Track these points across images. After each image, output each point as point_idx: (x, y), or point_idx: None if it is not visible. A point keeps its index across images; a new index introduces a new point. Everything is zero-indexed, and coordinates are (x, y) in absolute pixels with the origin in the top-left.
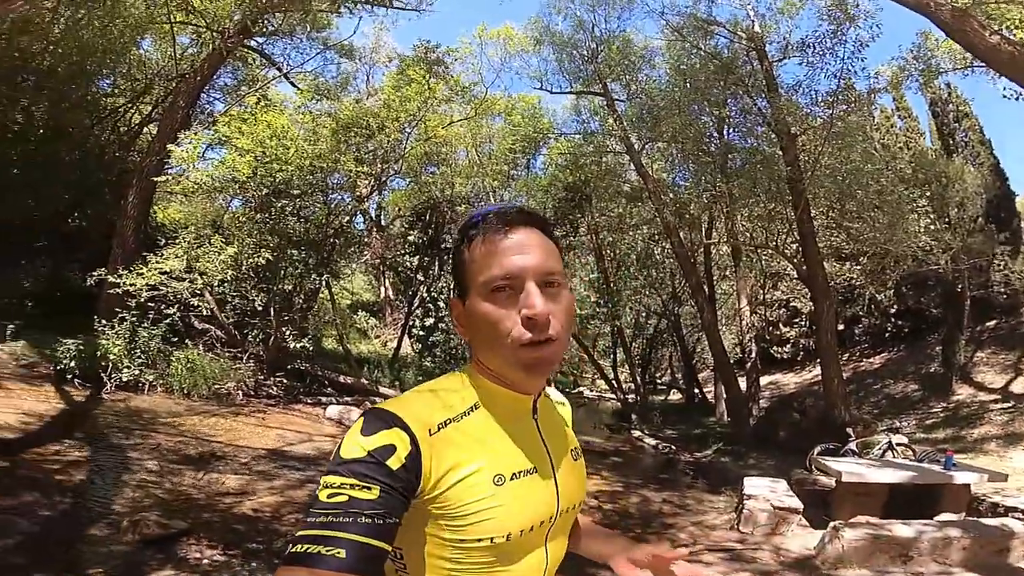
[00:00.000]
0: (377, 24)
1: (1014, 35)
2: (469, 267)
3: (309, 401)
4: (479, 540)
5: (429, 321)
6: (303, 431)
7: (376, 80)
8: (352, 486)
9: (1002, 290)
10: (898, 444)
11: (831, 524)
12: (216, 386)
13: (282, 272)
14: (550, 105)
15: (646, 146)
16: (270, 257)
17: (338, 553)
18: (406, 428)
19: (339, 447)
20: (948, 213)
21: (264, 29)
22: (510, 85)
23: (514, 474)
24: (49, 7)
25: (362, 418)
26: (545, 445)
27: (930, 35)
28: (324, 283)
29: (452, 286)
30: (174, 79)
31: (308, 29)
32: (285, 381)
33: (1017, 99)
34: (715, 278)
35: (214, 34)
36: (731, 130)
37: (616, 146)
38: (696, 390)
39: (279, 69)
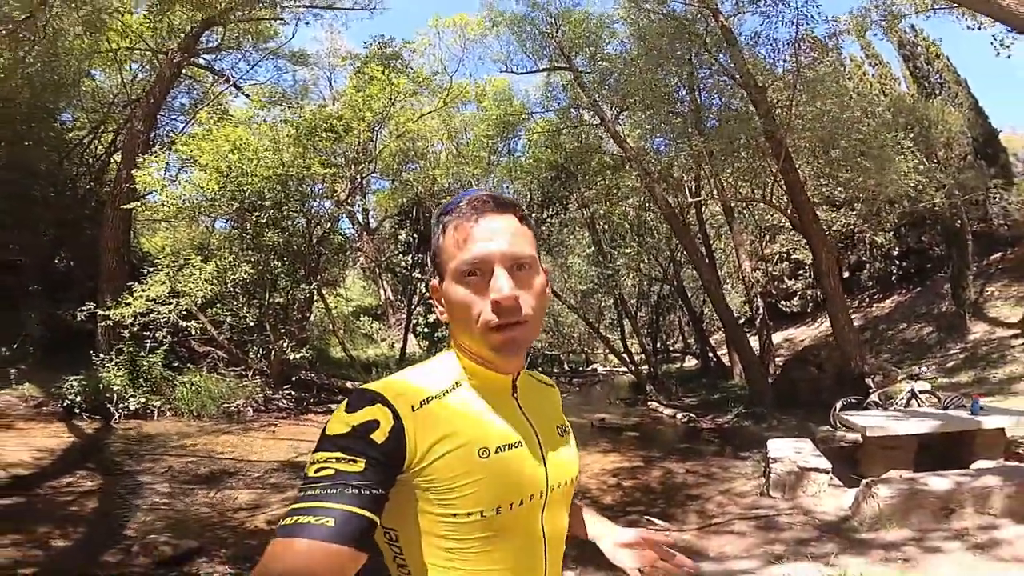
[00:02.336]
0: (326, 28)
1: None
2: (443, 252)
3: (320, 410)
4: (469, 514)
5: (432, 317)
6: (315, 440)
7: (340, 84)
8: (338, 459)
9: (1002, 222)
10: (921, 392)
11: (863, 481)
12: (225, 405)
13: (270, 285)
14: (522, 86)
15: (620, 115)
16: (252, 271)
17: (327, 522)
18: (388, 404)
19: (325, 426)
20: (936, 154)
21: (206, 46)
22: (475, 71)
23: (499, 447)
24: None
25: (346, 399)
26: (529, 421)
27: None
28: (316, 292)
29: (431, 269)
30: (128, 105)
31: (253, 40)
32: (293, 393)
33: (979, 28)
34: (711, 238)
35: (159, 56)
36: (701, 89)
37: (591, 119)
38: (711, 354)
39: (234, 84)
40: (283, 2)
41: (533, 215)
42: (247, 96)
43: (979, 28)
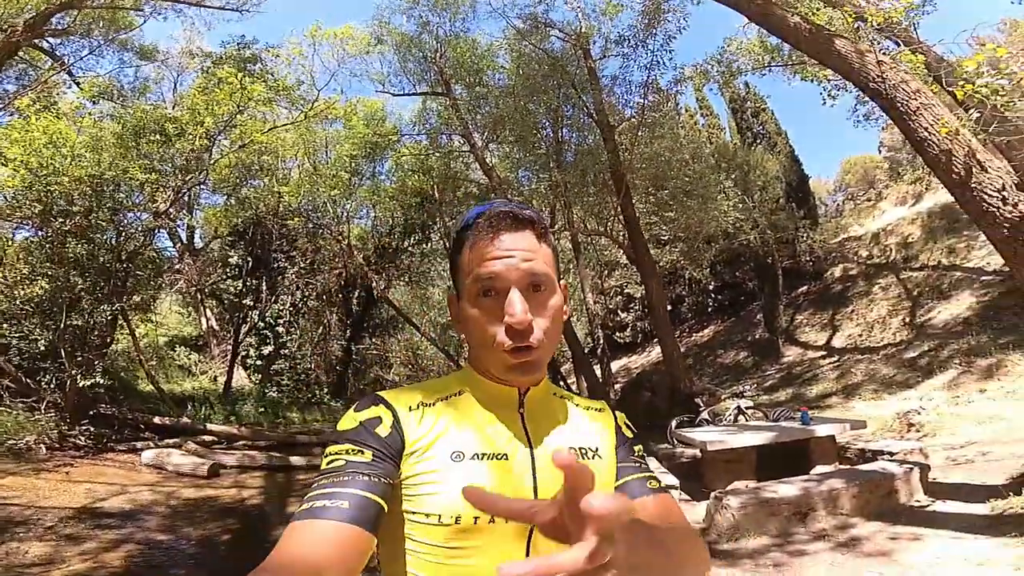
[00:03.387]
0: (187, 27)
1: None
2: (461, 270)
3: (122, 448)
4: (427, 516)
5: (267, 349)
6: (116, 482)
7: (185, 87)
8: (348, 451)
9: (808, 259)
10: (747, 408)
11: (713, 494)
12: (11, 441)
13: (68, 305)
14: (396, 109)
15: (489, 145)
16: (48, 287)
17: (342, 504)
18: (388, 405)
19: (337, 424)
20: (753, 196)
21: (54, 28)
22: (348, 88)
23: (476, 454)
24: None
25: (356, 402)
26: (528, 437)
27: (732, 40)
28: (121, 315)
29: (450, 284)
30: None
31: (105, 28)
32: (92, 429)
33: (814, 81)
34: (560, 271)
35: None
36: (564, 125)
37: (461, 145)
38: (561, 382)
39: (67, 70)
40: None
41: (394, 243)
42: (79, 86)
43: (812, 81)
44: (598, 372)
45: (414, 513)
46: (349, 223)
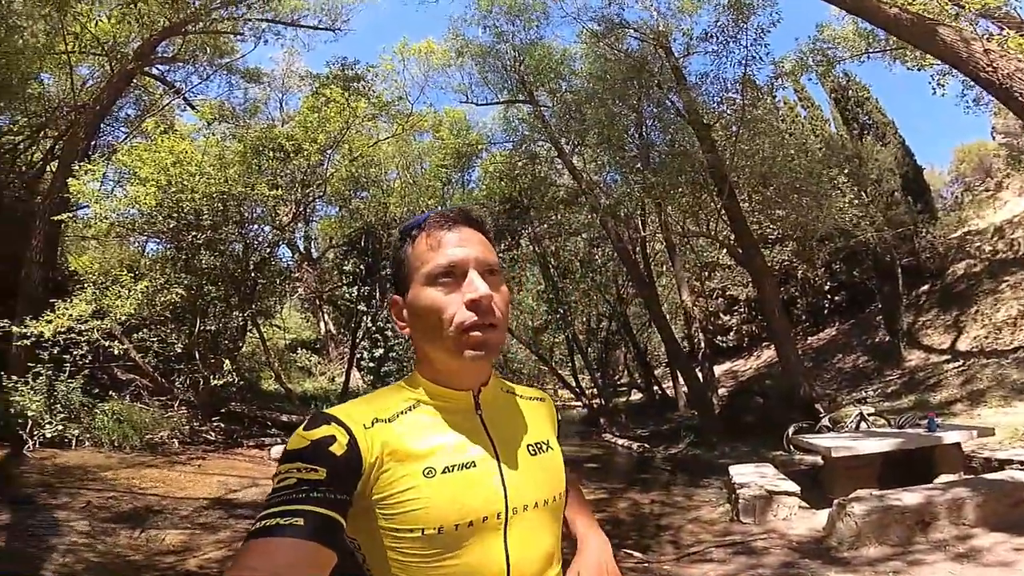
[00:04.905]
0: (286, 48)
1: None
2: (411, 262)
3: (251, 444)
4: (410, 530)
5: (379, 352)
6: (247, 476)
7: (291, 106)
8: (299, 469)
9: (928, 255)
10: (869, 415)
11: (836, 501)
12: (148, 436)
13: (201, 312)
14: (479, 118)
15: (575, 149)
16: (183, 294)
17: (296, 521)
18: (342, 424)
19: (286, 446)
20: (866, 190)
21: (161, 55)
22: (435, 100)
23: (446, 468)
24: None
25: (304, 421)
26: (491, 440)
27: (826, 27)
28: (250, 321)
29: (390, 286)
30: (73, 111)
31: (209, 55)
32: (223, 425)
33: (918, 68)
34: (654, 274)
35: (112, 62)
36: (649, 127)
37: (547, 152)
38: (656, 387)
39: (183, 96)
40: (246, 15)
41: None
42: (195, 109)
43: (916, 69)
44: (699, 375)
45: (396, 530)
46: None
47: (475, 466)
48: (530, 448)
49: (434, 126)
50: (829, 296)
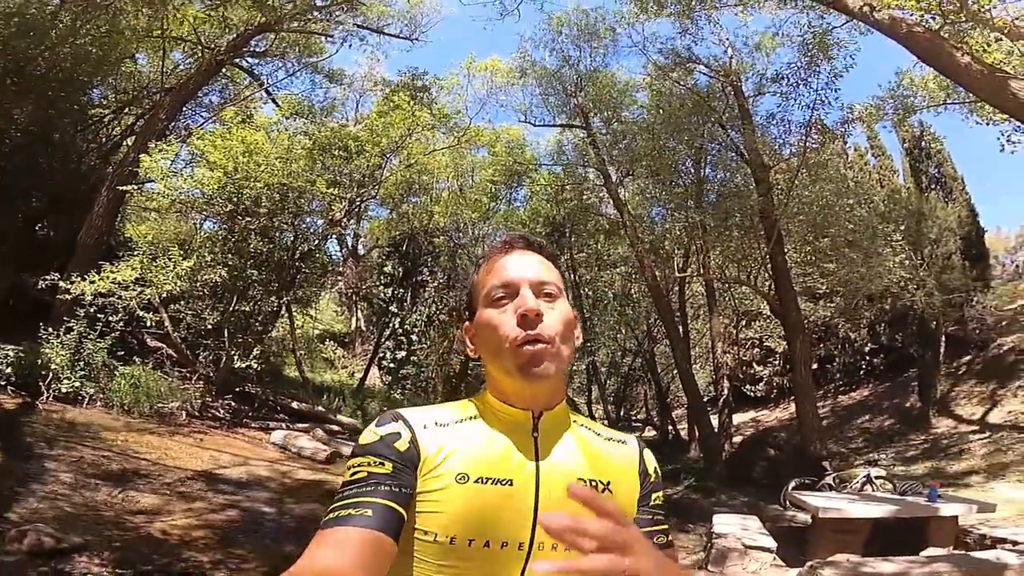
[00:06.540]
0: (369, 54)
1: (983, 58)
2: (476, 288)
3: (255, 425)
4: (426, 532)
5: (401, 354)
6: (240, 454)
7: (366, 109)
8: (370, 463)
9: (975, 326)
10: (877, 477)
11: (808, 564)
12: (159, 405)
13: (240, 292)
14: (534, 139)
15: (623, 180)
16: (225, 275)
17: (366, 512)
18: (406, 422)
19: (359, 438)
20: (923, 251)
21: (253, 49)
22: (495, 117)
23: (480, 478)
24: (50, 11)
25: (376, 418)
26: (537, 465)
27: (906, 74)
28: (285, 307)
29: (464, 312)
30: (160, 92)
31: (299, 52)
32: (233, 404)
33: (987, 123)
34: (689, 316)
35: (206, 50)
36: (707, 163)
37: (595, 179)
38: (670, 427)
39: (266, 90)
40: (338, 18)
41: None
42: (276, 103)
43: (988, 124)
44: (714, 422)
45: (416, 529)
46: (483, 245)
47: (511, 484)
48: (580, 482)
49: (491, 142)
50: (868, 357)
